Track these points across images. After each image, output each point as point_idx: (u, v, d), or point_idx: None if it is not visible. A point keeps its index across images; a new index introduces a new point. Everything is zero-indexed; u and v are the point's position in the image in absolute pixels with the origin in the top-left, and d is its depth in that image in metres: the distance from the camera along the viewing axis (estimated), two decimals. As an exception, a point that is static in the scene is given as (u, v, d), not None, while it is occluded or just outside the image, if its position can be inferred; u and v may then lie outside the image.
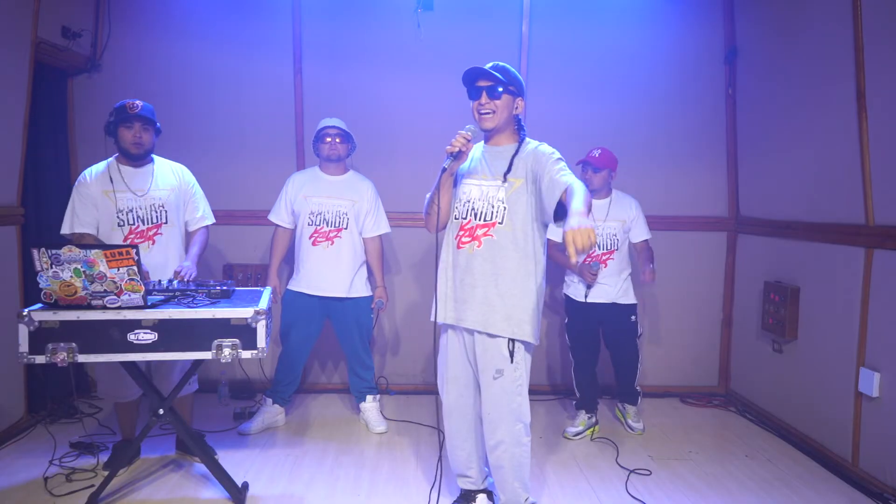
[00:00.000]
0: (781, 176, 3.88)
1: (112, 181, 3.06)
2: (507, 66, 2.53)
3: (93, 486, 2.83)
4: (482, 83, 2.49)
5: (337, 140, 3.63)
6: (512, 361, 2.54)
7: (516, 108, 2.55)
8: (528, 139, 2.60)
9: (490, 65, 2.50)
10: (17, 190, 3.54)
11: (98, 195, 3.06)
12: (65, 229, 3.08)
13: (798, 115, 3.67)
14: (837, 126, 3.31)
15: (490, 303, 2.53)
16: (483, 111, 2.50)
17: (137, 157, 3.10)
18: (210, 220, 3.32)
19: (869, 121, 3.09)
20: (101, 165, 3.13)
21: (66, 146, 4.14)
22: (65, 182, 4.10)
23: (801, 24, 3.60)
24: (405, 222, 4.18)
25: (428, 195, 2.65)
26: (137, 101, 3.05)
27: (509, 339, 2.53)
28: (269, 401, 3.76)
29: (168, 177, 3.20)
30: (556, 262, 3.87)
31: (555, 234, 3.71)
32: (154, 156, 3.21)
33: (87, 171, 3.13)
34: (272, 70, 4.27)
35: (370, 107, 4.29)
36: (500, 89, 2.47)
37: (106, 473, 2.84)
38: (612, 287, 3.64)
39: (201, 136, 4.25)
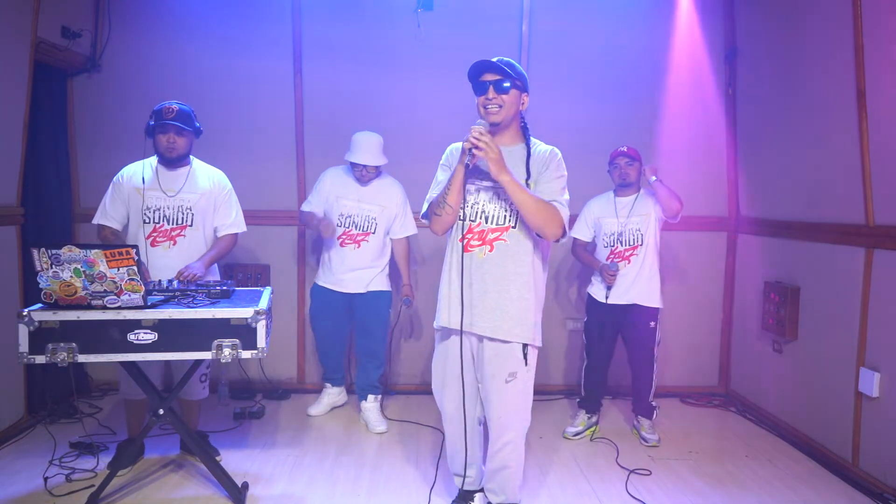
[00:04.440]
0: (781, 176, 3.88)
1: (145, 179, 3.09)
2: (513, 61, 2.47)
3: (93, 486, 2.83)
4: (489, 77, 2.42)
5: (369, 169, 3.67)
6: (526, 364, 2.53)
7: (522, 104, 2.50)
8: (533, 139, 2.56)
9: (496, 59, 2.44)
10: (17, 190, 3.54)
11: (130, 192, 3.10)
12: (95, 219, 3.16)
13: (798, 114, 3.67)
14: (837, 126, 3.31)
15: (502, 308, 2.48)
16: (490, 105, 2.42)
17: (171, 161, 3.12)
18: (240, 228, 3.31)
19: (869, 121, 3.09)
20: (141, 163, 3.16)
21: (66, 146, 4.14)
22: (65, 182, 4.11)
23: (801, 24, 3.60)
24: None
25: (430, 197, 2.57)
26: (174, 105, 3.07)
27: (523, 344, 2.52)
28: (329, 385, 4.02)
29: (202, 181, 3.20)
30: (581, 261, 3.88)
31: (580, 232, 3.74)
32: (194, 158, 3.24)
33: (125, 168, 3.17)
34: (272, 70, 4.27)
35: (370, 106, 4.28)
36: (508, 84, 2.41)
37: (108, 472, 2.84)
38: (636, 286, 3.57)
39: (201, 136, 4.24)
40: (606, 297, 3.61)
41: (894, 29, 2.92)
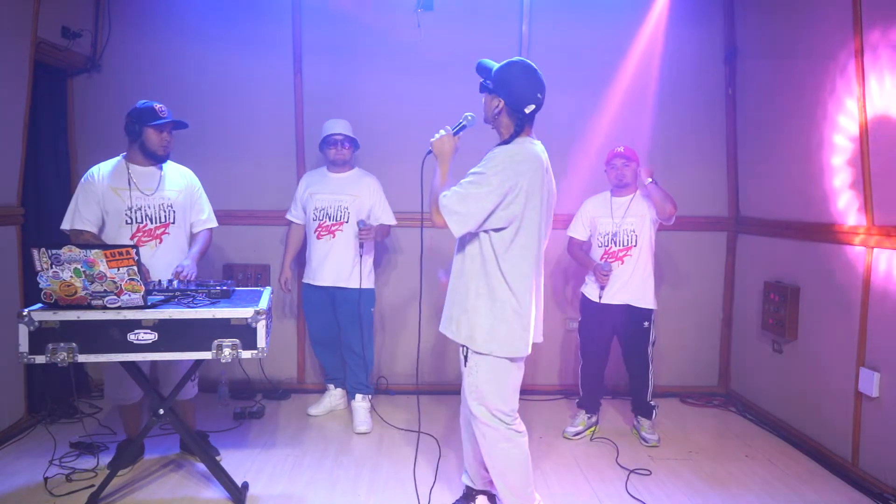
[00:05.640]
0: (781, 176, 3.88)
1: (122, 180, 3.06)
2: (493, 64, 2.49)
3: (93, 486, 2.83)
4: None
5: (344, 146, 3.78)
6: (465, 365, 2.54)
7: (495, 107, 2.44)
8: (525, 140, 2.46)
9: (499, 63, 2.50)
10: (17, 190, 3.54)
11: (106, 193, 3.04)
12: (65, 224, 3.06)
13: (797, 115, 3.67)
14: (837, 126, 3.31)
15: (448, 304, 2.59)
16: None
17: (162, 159, 3.13)
18: (214, 223, 3.34)
19: (869, 121, 3.09)
20: (110, 164, 3.12)
21: (66, 146, 4.14)
22: (65, 182, 4.11)
23: (801, 24, 3.60)
24: (406, 222, 4.16)
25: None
26: (163, 105, 3.06)
27: (461, 344, 2.53)
28: (332, 386, 4.04)
29: (176, 178, 3.21)
30: (576, 260, 3.89)
31: (576, 231, 3.74)
32: None
33: (94, 169, 3.10)
34: (272, 70, 4.28)
35: (370, 106, 4.29)
36: (483, 88, 2.49)
37: (108, 472, 2.84)
38: (629, 287, 3.57)
39: (201, 136, 4.24)
40: (600, 297, 3.61)
41: (894, 28, 2.92)
